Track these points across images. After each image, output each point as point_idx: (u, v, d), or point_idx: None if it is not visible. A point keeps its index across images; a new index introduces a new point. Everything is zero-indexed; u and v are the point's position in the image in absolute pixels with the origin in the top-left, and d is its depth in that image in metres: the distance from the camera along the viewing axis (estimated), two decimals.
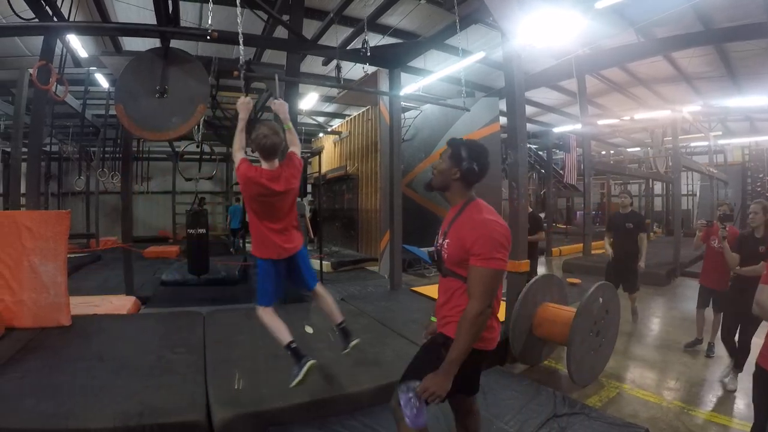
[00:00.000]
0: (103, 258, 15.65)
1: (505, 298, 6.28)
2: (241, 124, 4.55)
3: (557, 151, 19.56)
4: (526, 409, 4.50)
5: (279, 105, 4.85)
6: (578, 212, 27.30)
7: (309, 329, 6.11)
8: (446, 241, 2.82)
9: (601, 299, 5.69)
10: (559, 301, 6.37)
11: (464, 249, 2.65)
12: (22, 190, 7.83)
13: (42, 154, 9.35)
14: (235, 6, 5.33)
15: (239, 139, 4.49)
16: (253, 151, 4.40)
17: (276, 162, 4.35)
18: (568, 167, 17.84)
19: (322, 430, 4.07)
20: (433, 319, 3.14)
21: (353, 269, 13.49)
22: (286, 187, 4.32)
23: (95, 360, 5.20)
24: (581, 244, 16.47)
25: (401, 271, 9.43)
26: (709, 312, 6.65)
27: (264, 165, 4.31)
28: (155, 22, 7.14)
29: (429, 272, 11.80)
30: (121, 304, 8.14)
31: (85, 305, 7.62)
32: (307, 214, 9.50)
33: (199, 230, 10.31)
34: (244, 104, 4.59)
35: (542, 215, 21.24)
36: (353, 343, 4.69)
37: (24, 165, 7.79)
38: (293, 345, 4.35)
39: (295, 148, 4.68)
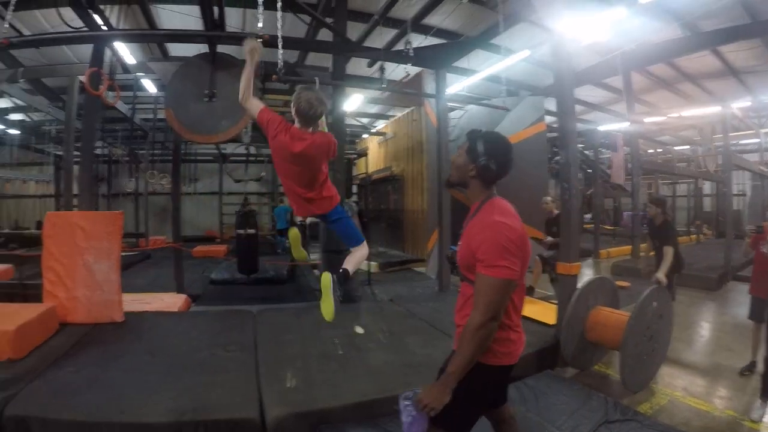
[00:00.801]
0: (153, 257, 16.03)
1: (555, 302, 6.19)
2: (251, 68, 3.93)
3: (603, 150, 19.19)
4: (578, 414, 4.41)
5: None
6: (625, 213, 26.69)
7: (359, 330, 6.11)
8: (459, 242, 2.65)
9: (655, 303, 5.53)
10: (611, 304, 6.23)
11: (471, 253, 2.44)
12: (74, 191, 8.03)
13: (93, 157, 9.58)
14: (277, 10, 5.35)
15: (251, 86, 4.01)
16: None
17: (309, 129, 3.86)
18: (615, 167, 17.49)
19: (373, 430, 4.07)
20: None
21: (400, 270, 13.42)
22: (302, 150, 3.76)
23: (148, 356, 5.33)
24: (629, 246, 16.07)
25: (450, 272, 9.33)
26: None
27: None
28: (197, 28, 7.25)
29: None
30: (172, 301, 8.30)
31: (137, 302, 7.82)
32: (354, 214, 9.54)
33: (248, 230, 10.45)
34: (255, 48, 3.86)
35: (588, 216, 20.99)
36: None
37: (75, 168, 7.98)
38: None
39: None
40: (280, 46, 5.30)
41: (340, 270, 4.26)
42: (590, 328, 5.84)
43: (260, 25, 5.51)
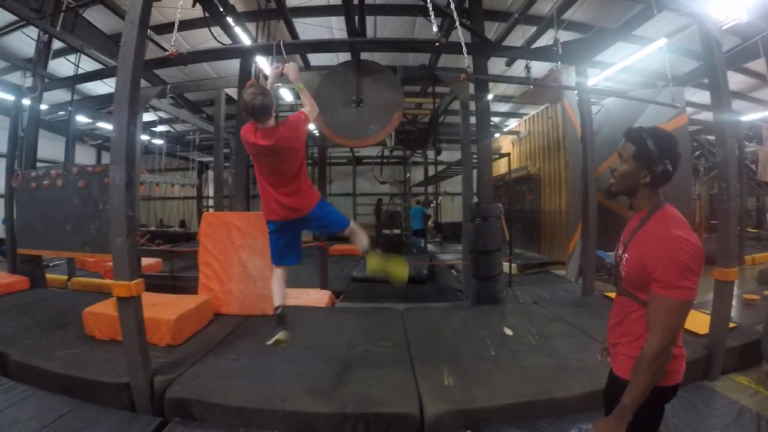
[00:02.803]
0: None
1: (707, 311, 5.84)
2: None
3: (747, 143, 17.75)
4: (728, 430, 4.15)
5: (287, 67, 4.73)
6: None
7: (508, 331, 6.06)
8: (625, 255, 2.39)
9: None
10: None
11: (645, 270, 2.21)
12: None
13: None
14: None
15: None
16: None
17: (272, 122, 4.25)
18: (762, 162, 16.21)
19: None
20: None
21: (539, 272, 13.05)
22: (273, 143, 4.16)
23: (303, 348, 5.56)
24: None
25: (594, 276, 9.04)
26: None
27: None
28: (329, 37, 7.49)
29: None
30: (318, 297, 8.66)
31: None
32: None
33: (393, 230, 10.66)
34: (279, 72, 4.78)
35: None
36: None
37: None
38: (278, 311, 4.44)
39: (307, 108, 4.56)
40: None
41: (364, 251, 4.79)
42: None
43: (435, 30, 5.55)
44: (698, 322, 6.02)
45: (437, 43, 5.18)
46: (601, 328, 6.11)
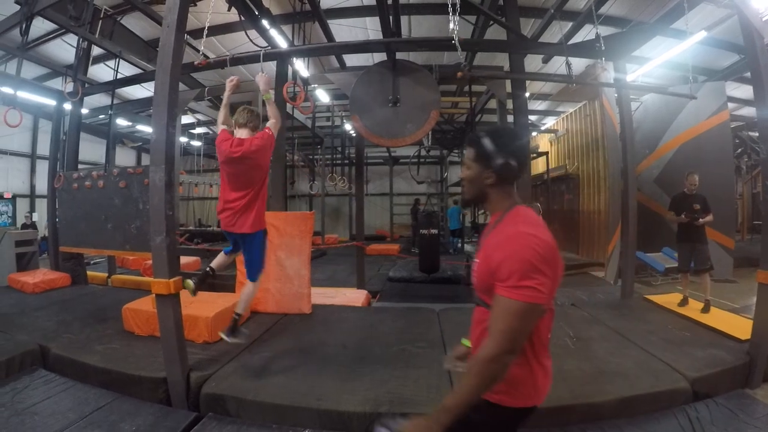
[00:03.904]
0: (328, 254, 16.95)
1: (750, 316, 5.62)
2: (225, 101, 5.05)
3: None
4: None
5: (260, 77, 4.98)
6: None
7: None
8: (476, 260, 2.17)
9: None
10: None
11: (490, 272, 1.97)
12: None
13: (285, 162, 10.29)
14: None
15: (222, 114, 4.96)
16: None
17: (245, 133, 4.75)
18: None
19: None
20: (465, 342, 2.43)
21: (577, 273, 12.75)
22: (242, 153, 4.57)
23: (339, 347, 5.60)
24: None
25: (633, 278, 8.82)
26: None
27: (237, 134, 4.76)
28: (363, 38, 7.48)
29: (656, 280, 10.99)
30: (355, 296, 8.70)
31: (322, 296, 8.33)
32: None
33: (431, 230, 10.67)
34: (233, 84, 5.08)
35: None
36: (227, 338, 4.79)
37: None
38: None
39: (272, 120, 4.84)
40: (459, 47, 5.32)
41: (235, 319, 4.90)
42: None
43: (453, 27, 5.54)
44: (740, 327, 5.86)
45: (453, 41, 5.15)
46: (641, 331, 6.08)
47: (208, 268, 4.97)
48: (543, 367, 2.08)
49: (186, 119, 17.24)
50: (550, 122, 19.29)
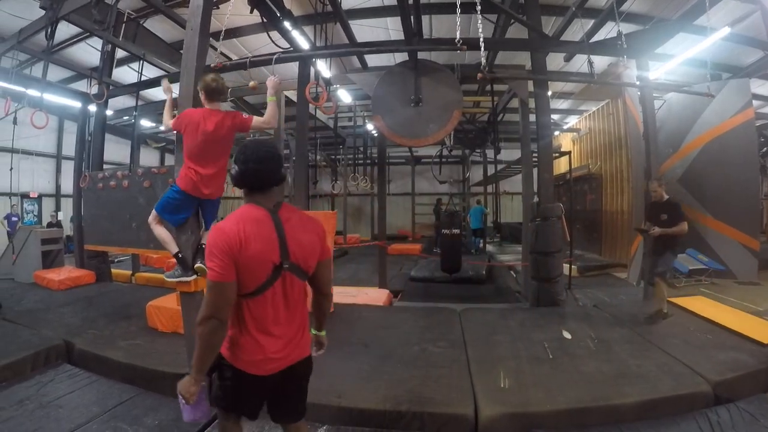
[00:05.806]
0: (350, 253, 17.05)
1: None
2: (167, 103, 4.99)
3: None
4: None
5: (270, 80, 4.79)
6: None
7: (567, 334, 5.94)
8: None
9: None
10: None
11: None
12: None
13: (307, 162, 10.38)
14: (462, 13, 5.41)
15: (166, 115, 4.93)
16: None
17: (218, 105, 4.51)
18: None
19: None
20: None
21: (599, 274, 12.58)
22: (215, 128, 4.34)
23: (361, 346, 5.65)
24: None
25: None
26: None
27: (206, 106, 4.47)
28: (384, 38, 7.49)
29: (679, 282, 10.88)
30: (376, 296, 8.72)
31: (344, 295, 8.37)
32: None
33: (453, 230, 10.67)
34: (168, 87, 5.10)
35: None
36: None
37: None
38: (180, 255, 4.60)
39: (266, 117, 4.64)
40: (482, 47, 5.32)
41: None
42: None
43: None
44: (762, 330, 5.77)
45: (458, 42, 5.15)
46: (663, 333, 6.04)
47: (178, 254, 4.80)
48: (255, 340, 2.51)
49: None
50: (572, 121, 19.03)
